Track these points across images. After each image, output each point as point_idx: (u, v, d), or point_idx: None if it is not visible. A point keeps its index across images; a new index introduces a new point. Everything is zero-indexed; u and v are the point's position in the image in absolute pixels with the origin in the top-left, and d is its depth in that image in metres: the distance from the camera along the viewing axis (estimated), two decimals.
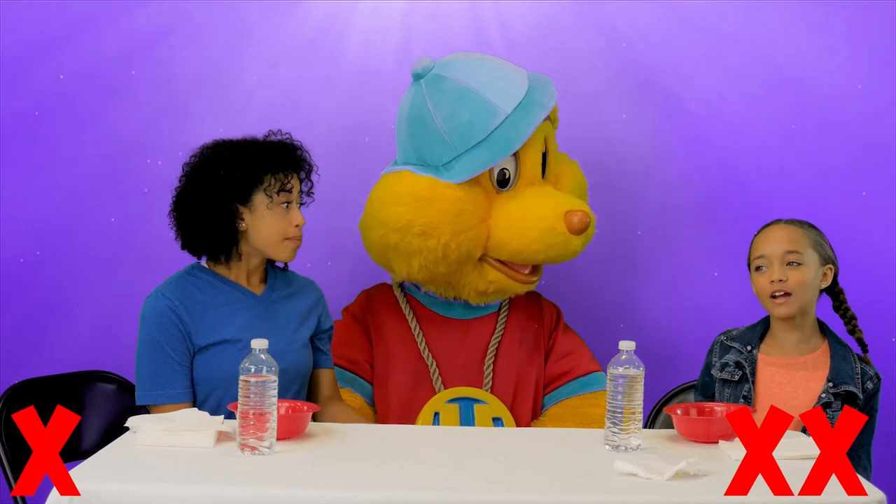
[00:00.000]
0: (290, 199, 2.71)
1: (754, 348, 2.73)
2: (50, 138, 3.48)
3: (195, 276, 2.73)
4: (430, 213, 2.95)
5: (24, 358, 3.43)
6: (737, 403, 2.67)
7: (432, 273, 3.03)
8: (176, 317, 2.64)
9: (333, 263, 3.51)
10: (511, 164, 3.03)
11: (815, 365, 2.69)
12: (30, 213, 3.48)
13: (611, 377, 2.34)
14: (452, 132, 2.98)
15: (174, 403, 2.62)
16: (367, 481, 2.09)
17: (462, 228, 2.96)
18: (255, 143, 2.73)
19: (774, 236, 2.70)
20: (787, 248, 2.66)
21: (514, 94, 2.99)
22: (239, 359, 2.63)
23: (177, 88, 3.51)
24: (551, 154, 3.12)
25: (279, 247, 2.72)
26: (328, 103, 3.53)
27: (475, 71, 3.03)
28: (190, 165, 2.72)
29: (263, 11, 3.54)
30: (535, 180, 3.05)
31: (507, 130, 2.97)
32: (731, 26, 3.53)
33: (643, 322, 3.54)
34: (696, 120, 3.55)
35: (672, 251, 3.56)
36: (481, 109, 2.97)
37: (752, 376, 2.68)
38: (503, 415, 3.03)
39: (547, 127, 3.08)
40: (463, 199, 2.97)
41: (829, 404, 2.61)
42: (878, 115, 3.49)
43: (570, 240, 2.97)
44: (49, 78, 3.48)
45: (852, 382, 2.63)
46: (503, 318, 3.17)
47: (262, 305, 2.75)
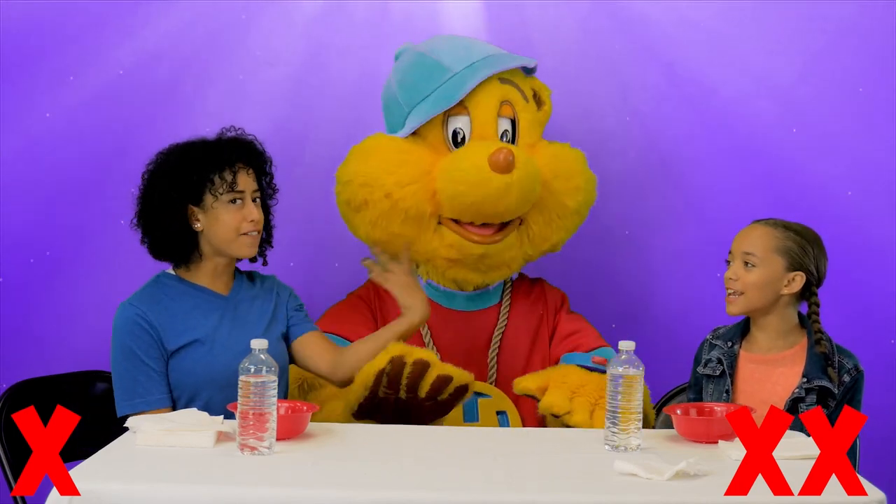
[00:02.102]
0: (242, 195, 2.70)
1: (735, 344, 2.74)
2: (60, 139, 3.49)
3: (161, 283, 2.75)
4: (373, 162, 3.01)
5: (24, 358, 3.43)
6: (720, 399, 2.70)
7: (388, 231, 3.02)
8: (146, 323, 2.65)
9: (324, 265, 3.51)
10: (465, 124, 3.04)
11: (793, 361, 2.69)
12: (39, 215, 3.48)
13: (610, 377, 2.34)
14: (403, 92, 3.08)
15: (154, 410, 2.63)
16: (367, 481, 2.09)
17: (405, 180, 2.98)
18: (203, 142, 2.73)
19: (742, 235, 2.71)
20: (744, 248, 2.68)
21: (467, 58, 3.05)
22: (209, 359, 2.66)
23: (189, 89, 3.51)
24: (523, 125, 3.10)
25: (235, 243, 2.71)
26: (327, 102, 3.53)
27: (443, 41, 3.14)
28: (146, 171, 2.74)
29: (263, 11, 3.54)
30: (487, 140, 3.03)
31: (450, 86, 3.02)
32: (731, 26, 3.53)
33: (643, 322, 3.54)
34: (697, 120, 3.55)
35: (672, 251, 3.56)
36: (430, 69, 3.05)
37: (731, 370, 2.69)
38: (507, 408, 3.03)
39: (510, 93, 3.08)
40: (405, 150, 3.01)
41: (802, 399, 2.61)
42: (878, 117, 3.49)
43: (492, 178, 2.90)
44: (59, 79, 3.49)
45: (826, 377, 2.62)
46: (506, 309, 3.16)
47: (229, 305, 2.75)
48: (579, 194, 3.10)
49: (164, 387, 2.66)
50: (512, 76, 3.11)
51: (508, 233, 3.05)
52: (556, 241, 3.15)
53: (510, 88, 3.09)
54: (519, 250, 3.10)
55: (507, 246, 3.06)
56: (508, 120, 3.08)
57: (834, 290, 3.41)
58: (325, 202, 3.15)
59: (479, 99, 3.04)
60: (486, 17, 3.56)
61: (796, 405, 2.61)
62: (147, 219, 2.72)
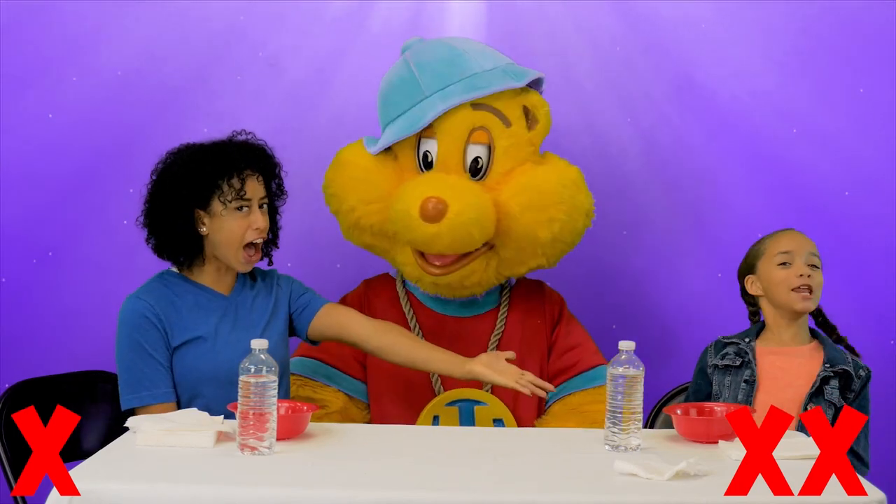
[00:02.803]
0: (249, 203, 2.71)
1: (752, 340, 2.82)
2: (61, 140, 3.49)
3: (165, 279, 2.75)
4: (342, 177, 3.05)
5: (24, 358, 3.43)
6: (737, 390, 2.76)
7: (361, 241, 3.10)
8: (154, 316, 2.66)
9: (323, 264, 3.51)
10: (434, 147, 3.02)
11: (810, 354, 2.80)
12: (41, 215, 3.48)
13: (610, 377, 2.34)
14: (382, 105, 3.08)
15: (161, 403, 2.63)
16: (367, 481, 2.09)
17: (368, 198, 3.01)
18: (214, 146, 2.73)
19: (798, 237, 2.83)
20: (811, 249, 2.80)
21: (444, 79, 2.98)
22: (210, 357, 2.65)
23: (188, 90, 3.51)
24: (498, 153, 3.01)
25: (235, 255, 2.71)
26: (328, 102, 3.53)
27: (432, 52, 3.07)
28: (155, 170, 2.74)
29: (263, 12, 3.54)
30: (450, 168, 2.99)
31: (418, 110, 2.98)
32: (730, 27, 3.53)
33: (643, 322, 3.54)
34: (697, 120, 3.55)
35: (672, 252, 3.56)
36: (408, 86, 3.02)
37: (754, 361, 2.76)
38: (504, 416, 3.02)
39: (487, 120, 2.99)
40: (369, 169, 3.03)
41: (828, 380, 2.71)
42: (879, 118, 3.49)
43: (420, 225, 2.87)
44: (61, 80, 3.49)
45: (850, 363, 2.74)
46: (503, 316, 3.14)
47: (231, 306, 2.76)
48: (554, 225, 2.98)
49: (170, 381, 2.66)
50: (493, 99, 2.99)
51: (470, 261, 3.00)
52: (534, 265, 3.07)
53: (485, 114, 2.99)
54: (485, 274, 3.04)
55: (469, 272, 3.01)
56: (484, 147, 3.01)
57: (833, 290, 3.41)
58: (324, 202, 3.15)
59: (447, 126, 2.98)
60: (488, 17, 3.56)
61: (822, 388, 2.70)
62: (153, 218, 2.72)
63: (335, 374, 3.07)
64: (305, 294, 2.85)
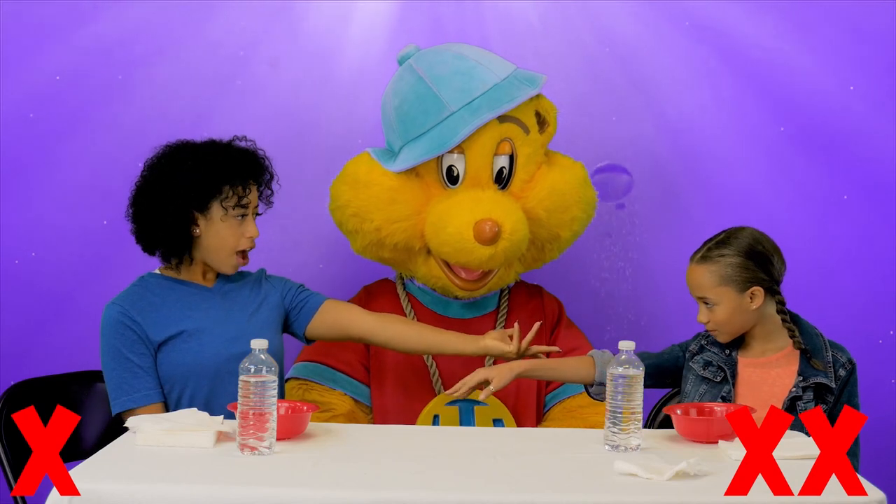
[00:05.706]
0: (247, 211, 2.72)
1: (733, 351, 2.74)
2: (45, 140, 3.48)
3: (145, 282, 2.75)
4: (365, 197, 3.00)
5: (24, 358, 3.43)
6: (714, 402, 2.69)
7: (378, 256, 3.09)
8: (129, 319, 2.66)
9: (325, 265, 3.50)
10: (460, 162, 3.01)
11: (787, 361, 2.69)
12: (25, 215, 3.48)
13: (610, 377, 2.34)
14: (400, 122, 3.03)
15: (142, 406, 2.63)
16: (367, 481, 2.09)
17: (395, 217, 2.99)
18: (218, 150, 2.72)
19: (688, 280, 2.72)
20: (696, 293, 2.70)
21: (467, 92, 2.96)
22: (200, 349, 2.65)
23: (172, 89, 3.50)
24: (521, 161, 3.04)
25: (225, 260, 2.72)
26: (326, 104, 3.53)
27: (444, 63, 3.03)
28: (151, 164, 2.72)
29: (263, 12, 3.54)
30: (481, 183, 3.00)
31: (446, 128, 2.96)
32: (722, 27, 3.53)
33: (642, 323, 3.54)
34: (697, 121, 3.55)
35: (672, 253, 3.55)
36: (428, 104, 2.98)
37: (733, 378, 2.70)
38: (504, 416, 3.03)
39: (511, 131, 3.01)
40: (396, 188, 3.00)
41: (800, 397, 2.62)
42: (870, 117, 3.49)
43: (476, 248, 2.90)
44: (44, 79, 3.48)
45: (821, 374, 2.63)
46: (503, 317, 3.15)
47: (215, 296, 2.75)
48: (575, 224, 3.10)
49: (150, 382, 2.66)
50: (514, 109, 3.01)
51: (493, 276, 3.05)
52: (548, 260, 3.19)
53: (510, 126, 3.01)
54: (507, 276, 3.11)
55: (498, 279, 3.07)
56: (507, 157, 3.03)
57: (833, 290, 3.42)
58: (323, 203, 3.14)
59: (476, 140, 2.97)
60: (486, 18, 3.55)
61: (794, 404, 2.62)
62: (145, 211, 2.70)
63: (341, 378, 3.08)
64: (302, 292, 2.85)
